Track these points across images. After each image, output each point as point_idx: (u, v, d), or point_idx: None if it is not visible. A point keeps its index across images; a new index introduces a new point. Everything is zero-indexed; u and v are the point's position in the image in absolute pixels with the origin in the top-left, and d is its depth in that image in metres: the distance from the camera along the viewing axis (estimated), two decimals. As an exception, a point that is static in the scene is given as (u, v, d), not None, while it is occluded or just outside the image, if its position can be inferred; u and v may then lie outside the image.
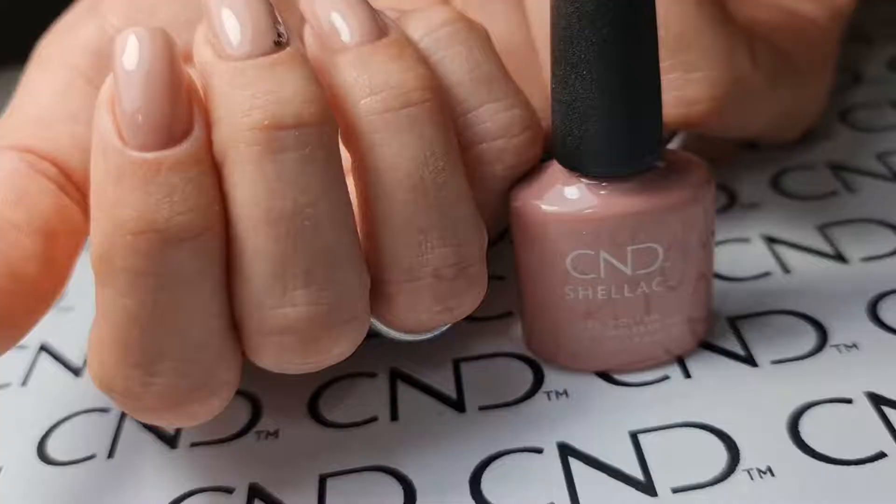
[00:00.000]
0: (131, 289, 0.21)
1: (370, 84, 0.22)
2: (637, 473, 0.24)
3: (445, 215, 0.23)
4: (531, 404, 0.27)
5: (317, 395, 0.28)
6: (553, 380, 0.27)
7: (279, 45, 0.21)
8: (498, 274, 0.30)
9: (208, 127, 0.21)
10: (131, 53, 0.21)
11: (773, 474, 0.23)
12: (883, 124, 0.38)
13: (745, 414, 0.25)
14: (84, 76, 0.27)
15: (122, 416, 0.29)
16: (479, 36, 0.25)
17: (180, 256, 0.20)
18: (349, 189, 0.22)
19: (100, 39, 0.28)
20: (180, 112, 0.20)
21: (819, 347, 0.27)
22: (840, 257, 0.31)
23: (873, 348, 0.27)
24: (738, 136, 0.33)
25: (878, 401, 0.25)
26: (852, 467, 0.23)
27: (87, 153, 0.26)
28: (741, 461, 0.24)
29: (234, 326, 0.22)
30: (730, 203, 0.34)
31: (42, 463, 0.27)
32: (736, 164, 0.36)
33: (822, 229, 0.32)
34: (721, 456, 0.24)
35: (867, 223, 0.32)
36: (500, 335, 0.29)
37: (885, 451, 0.24)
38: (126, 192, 0.20)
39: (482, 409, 0.27)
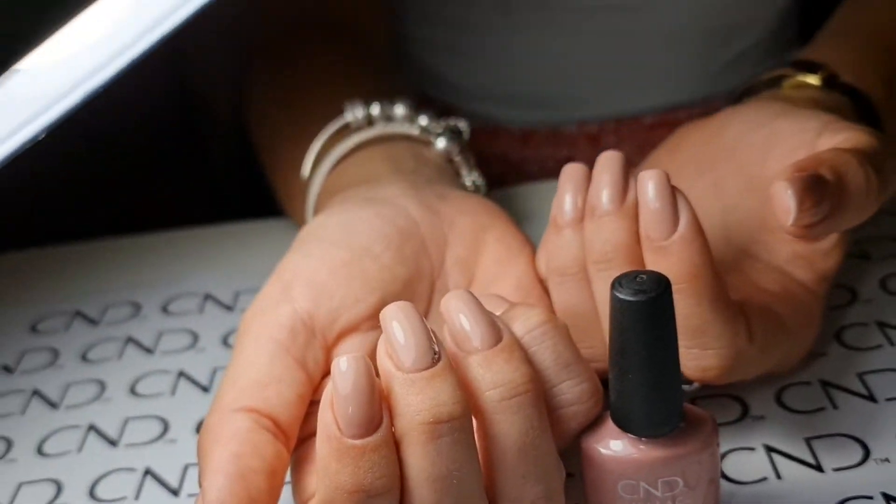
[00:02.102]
0: None
1: (493, 380, 0.34)
2: None
3: (539, 464, 0.34)
4: (591, 577, 0.38)
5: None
6: (606, 559, 0.39)
7: (434, 360, 0.33)
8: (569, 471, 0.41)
9: (391, 417, 0.33)
10: (343, 370, 0.32)
11: None
12: (867, 344, 0.48)
13: (740, 593, 0.37)
14: (284, 348, 0.38)
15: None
16: (562, 332, 0.37)
17: None
18: None
19: (293, 319, 0.39)
20: (375, 410, 0.32)
21: (796, 544, 0.39)
22: (818, 467, 0.42)
23: (836, 546, 0.38)
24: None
25: (833, 587, 0.37)
26: None
27: (290, 407, 0.37)
28: None
29: None
30: (742, 415, 0.45)
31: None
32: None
33: (809, 441, 0.43)
34: None
35: (842, 437, 0.43)
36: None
37: None
38: (343, 465, 0.32)
39: (557, 579, 0.38)
